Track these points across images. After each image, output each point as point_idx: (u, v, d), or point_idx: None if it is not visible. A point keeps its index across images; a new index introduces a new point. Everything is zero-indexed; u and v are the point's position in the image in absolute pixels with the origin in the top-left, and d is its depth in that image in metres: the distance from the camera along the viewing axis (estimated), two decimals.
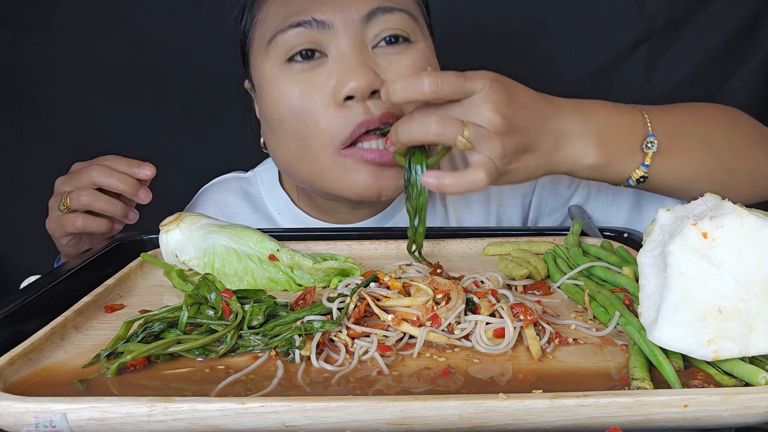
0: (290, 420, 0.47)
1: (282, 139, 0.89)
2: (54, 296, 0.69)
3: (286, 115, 0.86)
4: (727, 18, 1.45)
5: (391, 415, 0.47)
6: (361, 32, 0.84)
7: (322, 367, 0.56)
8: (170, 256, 0.80)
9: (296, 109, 0.85)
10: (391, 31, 0.85)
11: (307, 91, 0.85)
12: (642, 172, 0.79)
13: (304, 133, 0.86)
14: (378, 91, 0.81)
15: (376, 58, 0.85)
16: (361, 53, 0.84)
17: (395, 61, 0.85)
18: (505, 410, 0.47)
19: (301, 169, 0.90)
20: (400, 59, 0.86)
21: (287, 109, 0.86)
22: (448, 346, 0.60)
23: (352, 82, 0.81)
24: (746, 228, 0.52)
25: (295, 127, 0.86)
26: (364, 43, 0.85)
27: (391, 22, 0.85)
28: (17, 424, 0.47)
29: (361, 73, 0.82)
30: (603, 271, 0.73)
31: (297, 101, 0.85)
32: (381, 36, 0.85)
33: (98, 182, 0.91)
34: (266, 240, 0.78)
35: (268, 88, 0.88)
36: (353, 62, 0.83)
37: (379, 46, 0.86)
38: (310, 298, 0.67)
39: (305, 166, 0.89)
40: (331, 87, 0.84)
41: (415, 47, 0.88)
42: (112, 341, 0.59)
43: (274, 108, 0.88)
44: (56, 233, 0.96)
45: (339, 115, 0.83)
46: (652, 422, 0.47)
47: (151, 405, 0.47)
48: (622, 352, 0.59)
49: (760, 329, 0.51)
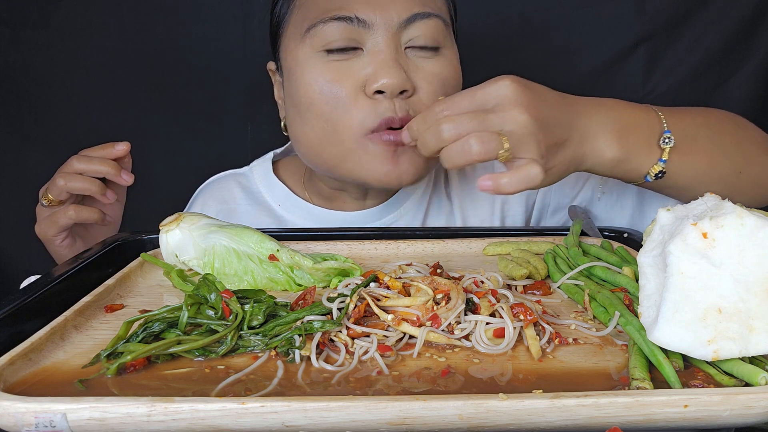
0: (290, 420, 0.47)
1: (308, 122, 0.91)
2: (54, 296, 0.69)
3: (316, 98, 0.89)
4: (727, 18, 1.44)
5: (391, 415, 0.47)
6: (398, 33, 0.88)
7: (322, 367, 0.56)
8: (170, 256, 0.80)
9: (326, 93, 0.88)
10: (424, 39, 0.89)
11: (339, 79, 0.88)
12: (660, 167, 0.79)
13: (332, 117, 0.88)
14: (405, 91, 0.87)
15: (407, 59, 0.89)
16: (396, 52, 0.88)
17: (423, 67, 0.90)
18: (505, 410, 0.47)
19: (323, 152, 0.92)
20: (428, 65, 0.90)
21: (317, 93, 0.88)
22: (448, 346, 0.60)
23: (386, 79, 0.85)
24: (746, 228, 0.52)
25: (323, 110, 0.89)
26: (399, 43, 0.89)
27: (425, 29, 0.89)
28: (17, 424, 0.47)
29: (394, 71, 0.86)
30: (603, 271, 0.73)
31: (328, 87, 0.88)
32: (414, 42, 0.89)
33: (80, 169, 0.93)
34: (266, 240, 0.78)
35: (301, 72, 0.90)
36: (389, 60, 0.86)
37: (411, 48, 0.90)
38: (310, 298, 0.67)
39: (329, 150, 0.91)
40: (363, 78, 0.87)
41: (442, 54, 0.92)
42: (112, 341, 0.59)
43: (304, 91, 0.90)
44: (48, 233, 0.97)
45: (367, 105, 0.87)
46: (652, 422, 0.47)
47: (151, 405, 0.47)
48: (622, 352, 0.59)
49: (760, 329, 0.51)
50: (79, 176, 0.93)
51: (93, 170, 0.93)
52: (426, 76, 0.89)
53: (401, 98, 0.87)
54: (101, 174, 0.94)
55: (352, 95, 0.87)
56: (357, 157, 0.89)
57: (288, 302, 0.67)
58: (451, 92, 0.89)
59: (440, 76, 0.90)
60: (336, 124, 0.89)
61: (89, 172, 0.94)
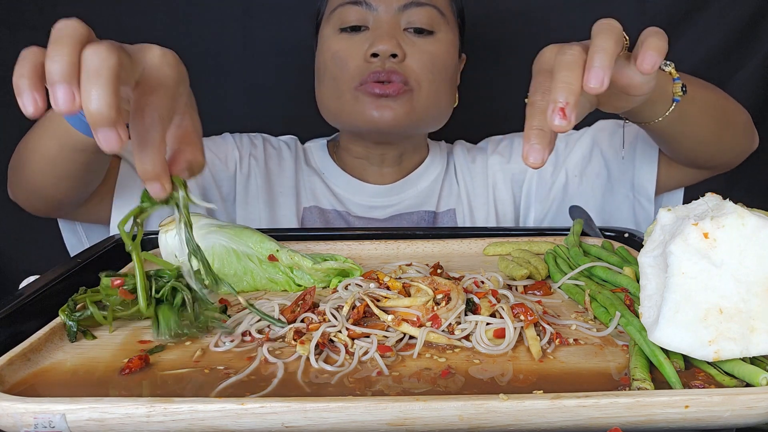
0: (290, 420, 0.47)
1: (322, 82, 1.14)
2: (54, 296, 0.69)
3: (329, 62, 1.12)
4: (727, 17, 1.44)
5: (391, 415, 0.47)
6: (397, 16, 1.10)
7: (321, 368, 0.56)
8: (170, 256, 0.80)
9: (336, 58, 1.11)
10: (418, 23, 1.10)
11: (347, 48, 1.10)
12: (679, 84, 0.83)
13: (337, 75, 1.11)
14: (396, 55, 1.07)
15: (404, 36, 1.10)
16: (392, 28, 1.09)
17: (418, 45, 1.10)
18: (506, 411, 0.47)
19: (331, 104, 1.13)
20: (422, 44, 1.10)
21: (330, 58, 1.11)
22: (448, 346, 0.60)
23: (380, 45, 1.07)
24: (747, 228, 0.51)
25: (333, 71, 1.11)
26: (398, 23, 1.10)
27: (420, 15, 1.10)
28: (16, 424, 0.47)
29: (387, 39, 1.07)
30: (604, 272, 0.73)
31: (339, 54, 1.11)
32: (412, 24, 1.10)
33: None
34: (266, 240, 0.78)
35: (322, 44, 1.14)
36: (384, 33, 1.08)
37: (408, 31, 1.10)
38: (310, 298, 0.67)
39: (334, 102, 1.12)
40: (365, 48, 1.09)
41: (436, 38, 1.11)
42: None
43: (322, 58, 1.14)
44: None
45: (364, 66, 1.08)
46: (653, 423, 0.47)
47: (150, 405, 0.47)
48: (622, 352, 0.59)
49: (761, 329, 0.51)
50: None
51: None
52: (417, 49, 1.09)
53: (393, 60, 1.07)
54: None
55: (354, 60, 1.09)
56: (351, 107, 1.10)
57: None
58: (440, 67, 1.10)
59: (430, 51, 1.10)
60: (339, 82, 1.10)
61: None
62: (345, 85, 1.10)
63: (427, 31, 1.10)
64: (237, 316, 0.66)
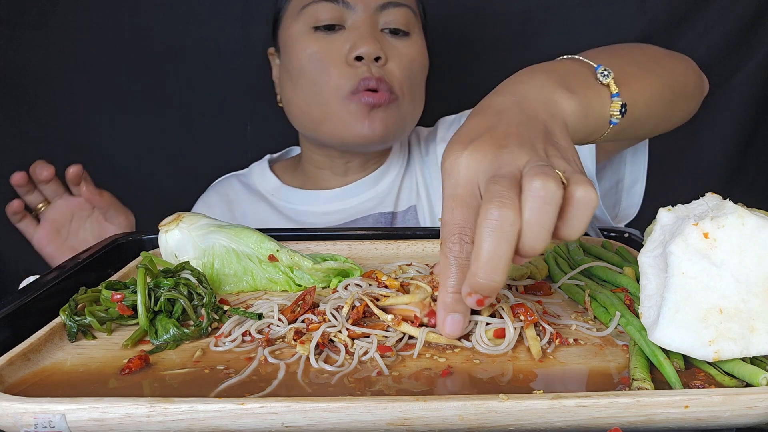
0: (290, 421, 0.47)
1: (298, 86, 1.08)
2: (53, 296, 0.69)
3: (306, 64, 1.06)
4: (727, 17, 1.44)
5: (391, 415, 0.47)
6: (374, 15, 1.06)
7: (321, 368, 0.56)
8: (170, 257, 0.80)
9: (314, 60, 1.05)
10: (395, 24, 1.08)
11: (326, 48, 1.05)
12: (618, 102, 0.70)
13: (318, 80, 1.05)
14: (380, 58, 1.04)
15: (383, 37, 1.07)
16: (373, 29, 1.06)
17: (395, 46, 1.08)
18: (506, 411, 0.47)
19: (311, 110, 1.08)
20: (399, 44, 1.08)
21: (307, 60, 1.05)
22: (448, 346, 0.60)
23: (364, 47, 1.03)
24: (747, 228, 0.51)
25: (312, 74, 1.05)
26: (376, 23, 1.07)
27: (397, 16, 1.07)
28: (16, 424, 0.47)
29: (371, 41, 1.03)
30: (604, 271, 0.73)
31: (316, 55, 1.05)
32: (389, 25, 1.07)
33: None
34: (266, 240, 0.78)
35: (293, 43, 1.08)
36: (366, 33, 1.04)
37: (385, 31, 1.08)
38: (310, 298, 0.67)
39: (315, 108, 1.07)
40: (346, 49, 1.04)
41: (412, 39, 1.10)
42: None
43: (296, 58, 1.07)
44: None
45: (348, 70, 1.04)
46: (652, 423, 0.47)
47: (150, 405, 0.47)
48: (622, 352, 0.59)
49: (761, 330, 0.51)
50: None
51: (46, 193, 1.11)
52: (397, 53, 1.07)
53: (376, 64, 1.04)
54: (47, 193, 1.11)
55: (336, 63, 1.04)
56: (340, 117, 1.05)
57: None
58: (417, 71, 1.10)
59: (409, 55, 1.08)
60: (322, 87, 1.05)
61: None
62: (331, 93, 1.04)
63: (403, 32, 1.08)
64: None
